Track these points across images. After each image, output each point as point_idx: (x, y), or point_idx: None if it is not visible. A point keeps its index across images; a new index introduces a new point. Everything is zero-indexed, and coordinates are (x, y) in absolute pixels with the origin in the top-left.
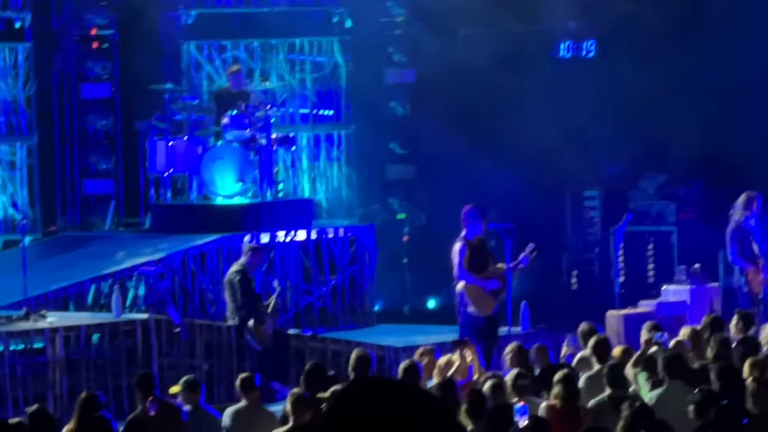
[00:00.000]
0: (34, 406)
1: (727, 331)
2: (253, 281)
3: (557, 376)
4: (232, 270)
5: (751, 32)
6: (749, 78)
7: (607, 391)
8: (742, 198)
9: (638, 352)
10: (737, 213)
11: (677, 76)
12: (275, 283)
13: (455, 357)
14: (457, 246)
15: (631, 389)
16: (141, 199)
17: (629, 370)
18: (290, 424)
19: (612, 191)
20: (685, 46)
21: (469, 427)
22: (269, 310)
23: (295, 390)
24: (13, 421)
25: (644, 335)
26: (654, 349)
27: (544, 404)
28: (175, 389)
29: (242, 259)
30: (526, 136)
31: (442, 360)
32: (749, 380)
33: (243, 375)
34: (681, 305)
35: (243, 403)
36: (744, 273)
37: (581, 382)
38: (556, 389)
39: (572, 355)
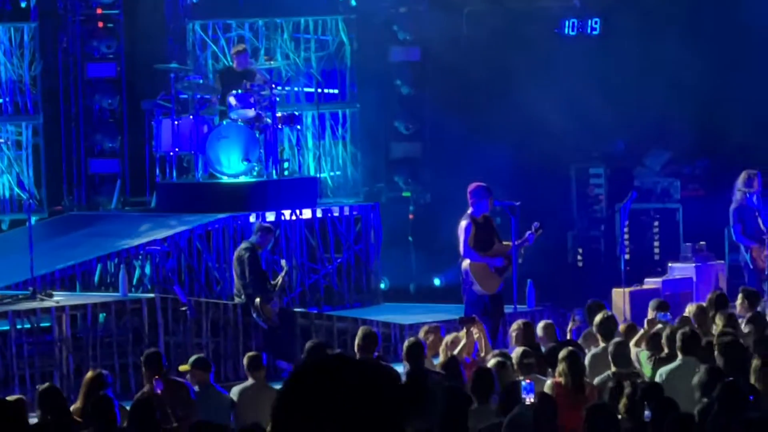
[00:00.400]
0: (45, 384)
1: (733, 308)
2: (260, 259)
3: (562, 354)
4: (241, 247)
5: (756, 6)
6: (754, 54)
7: (612, 369)
8: (742, 176)
9: (641, 332)
10: (739, 191)
11: (682, 52)
12: (283, 262)
13: (462, 334)
14: (463, 224)
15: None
16: (147, 179)
17: (632, 349)
18: None
19: (617, 169)
20: (689, 23)
21: (475, 404)
22: (276, 288)
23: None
24: (11, 398)
25: (650, 313)
26: (658, 326)
27: (549, 381)
28: (184, 367)
29: (252, 238)
30: (530, 114)
31: (449, 338)
32: (755, 357)
33: (250, 354)
34: (687, 282)
35: (250, 381)
36: (748, 250)
37: (587, 360)
38: (560, 367)
39: (579, 329)
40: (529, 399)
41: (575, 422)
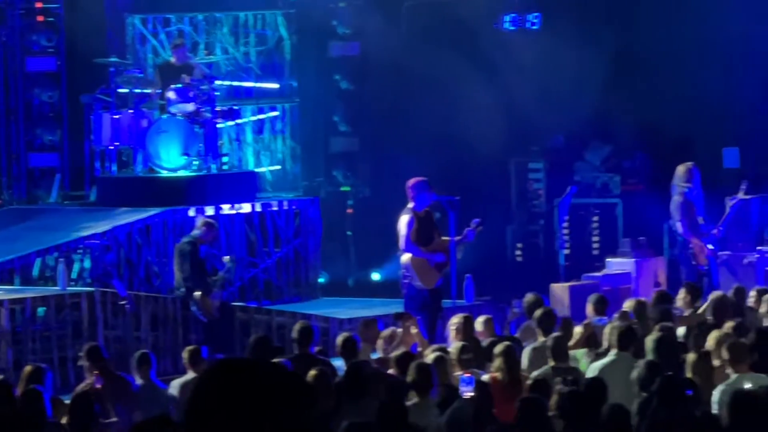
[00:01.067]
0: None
1: (675, 303)
2: (200, 253)
3: (497, 349)
4: (183, 241)
5: (695, 3)
6: (692, 49)
7: (551, 363)
8: (681, 170)
9: (578, 334)
10: (680, 186)
11: (621, 48)
12: (227, 259)
13: (399, 330)
14: (405, 218)
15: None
16: (86, 172)
17: (570, 350)
18: None
19: (556, 163)
20: (628, 18)
21: (416, 399)
22: (216, 283)
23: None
24: None
25: (588, 309)
26: (593, 322)
27: (485, 376)
28: None
29: (195, 232)
30: (470, 109)
31: (386, 332)
32: (691, 352)
33: (190, 347)
34: (626, 277)
35: (190, 375)
36: (690, 245)
37: (526, 354)
38: (496, 362)
39: (518, 321)
40: (468, 393)
41: (511, 416)
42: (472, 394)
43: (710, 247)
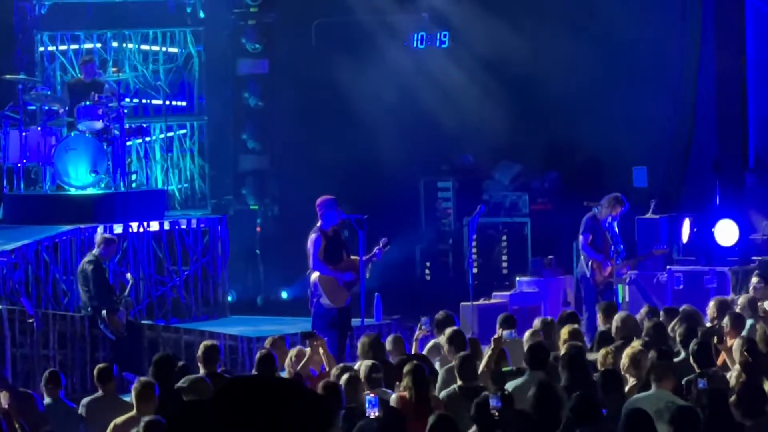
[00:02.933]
0: None
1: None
2: (106, 271)
3: (406, 368)
4: (85, 260)
5: (603, 23)
6: (601, 69)
7: (459, 383)
8: (609, 199)
9: (488, 351)
10: (601, 210)
11: (530, 66)
12: (128, 275)
13: (307, 349)
14: (313, 237)
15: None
16: None
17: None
18: (134, 412)
19: (465, 182)
20: (536, 37)
21: None
22: (122, 301)
23: (142, 378)
24: None
25: (498, 329)
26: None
27: (394, 395)
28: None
29: (95, 250)
30: (379, 127)
31: (293, 351)
32: (601, 370)
33: (100, 365)
34: (534, 296)
35: (99, 393)
36: (591, 262)
37: (441, 374)
38: (405, 380)
39: (426, 339)
40: (374, 413)
41: None
42: (378, 414)
43: (611, 268)
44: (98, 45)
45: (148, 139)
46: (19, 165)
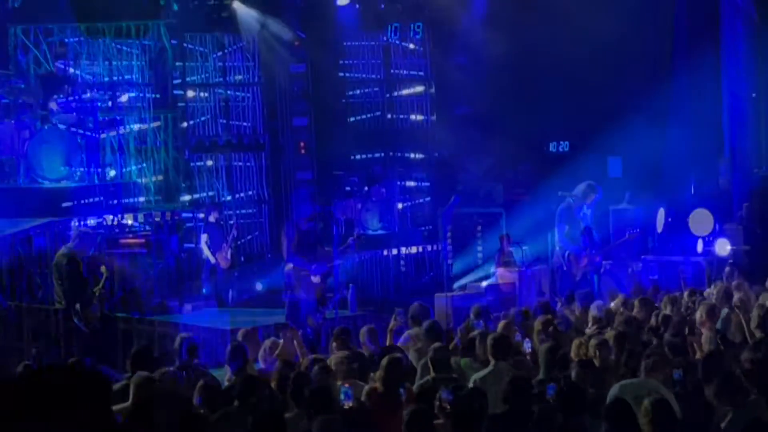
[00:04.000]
0: None
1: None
2: (81, 265)
3: (383, 361)
4: (60, 253)
5: (579, 13)
6: (576, 60)
7: (432, 374)
8: (582, 187)
9: (456, 340)
10: (573, 196)
11: (501, 59)
12: (103, 268)
13: (280, 341)
14: (286, 229)
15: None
16: None
17: (453, 359)
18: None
19: (440, 174)
20: (510, 29)
21: (295, 410)
22: (96, 294)
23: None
24: None
25: (472, 318)
26: (475, 332)
27: (366, 387)
28: None
29: (71, 243)
30: (352, 120)
31: (267, 342)
32: (575, 361)
33: (73, 359)
34: (510, 287)
35: None
36: (566, 254)
37: (419, 367)
38: (379, 372)
39: (400, 329)
40: (348, 404)
41: (391, 426)
42: (352, 404)
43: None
44: (72, 38)
45: (121, 131)
46: None
